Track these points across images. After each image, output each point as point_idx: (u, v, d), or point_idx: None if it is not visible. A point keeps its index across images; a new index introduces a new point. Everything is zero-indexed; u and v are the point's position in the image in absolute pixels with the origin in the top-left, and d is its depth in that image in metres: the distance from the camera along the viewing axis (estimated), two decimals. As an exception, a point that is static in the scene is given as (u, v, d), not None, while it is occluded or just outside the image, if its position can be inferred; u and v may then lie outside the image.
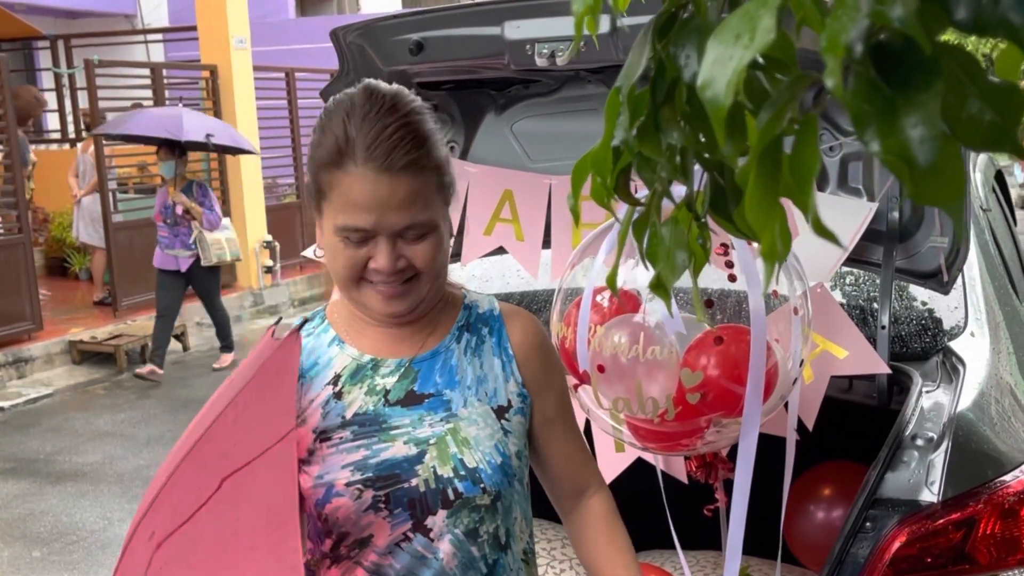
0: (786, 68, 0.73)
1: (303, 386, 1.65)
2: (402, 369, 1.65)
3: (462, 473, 1.58)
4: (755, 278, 2.12)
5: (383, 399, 1.63)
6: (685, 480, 2.70)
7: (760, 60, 0.72)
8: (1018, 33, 0.62)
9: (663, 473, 2.75)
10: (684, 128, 0.83)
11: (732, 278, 2.20)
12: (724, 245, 2.21)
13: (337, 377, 1.65)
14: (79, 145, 11.15)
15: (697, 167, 0.87)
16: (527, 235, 3.00)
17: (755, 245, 2.22)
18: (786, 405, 2.35)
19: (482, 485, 1.59)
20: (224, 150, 9.09)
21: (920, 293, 2.94)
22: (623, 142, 0.86)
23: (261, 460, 1.44)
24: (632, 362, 2.20)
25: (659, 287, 0.91)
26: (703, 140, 0.82)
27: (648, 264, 0.91)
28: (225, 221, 8.59)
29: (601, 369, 2.24)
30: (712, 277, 2.32)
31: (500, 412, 1.65)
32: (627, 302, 2.34)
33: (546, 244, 3.02)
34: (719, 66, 0.67)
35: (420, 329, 1.69)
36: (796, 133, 0.68)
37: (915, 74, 0.64)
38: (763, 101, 0.74)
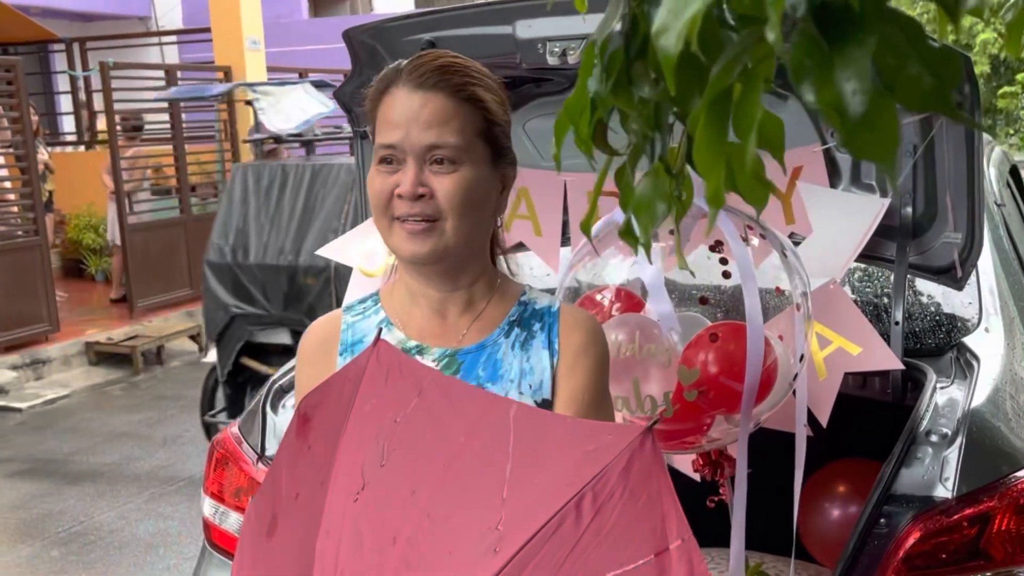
0: (759, 25, 0.76)
1: (346, 361, 1.63)
2: (445, 359, 1.65)
3: None
4: (750, 274, 2.11)
5: None
6: (696, 477, 2.70)
7: (731, 21, 0.76)
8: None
9: (674, 470, 2.75)
10: (656, 82, 0.85)
11: (727, 275, 2.20)
12: (719, 242, 2.21)
13: None
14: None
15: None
16: (545, 230, 3.00)
17: (755, 243, 2.22)
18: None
19: None
20: None
21: (934, 289, 2.93)
22: (596, 93, 0.89)
23: None
24: (629, 360, 2.19)
25: (628, 234, 0.94)
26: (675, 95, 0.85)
27: (624, 211, 0.93)
28: None
29: None
30: (708, 274, 2.32)
31: (545, 406, 1.62)
32: (629, 303, 2.34)
33: (565, 242, 3.02)
34: (673, 16, 0.70)
35: (467, 313, 1.68)
36: (741, 86, 0.72)
37: (851, 31, 0.69)
38: (718, 51, 0.78)
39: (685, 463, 2.77)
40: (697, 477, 2.72)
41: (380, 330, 1.49)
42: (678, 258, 1.92)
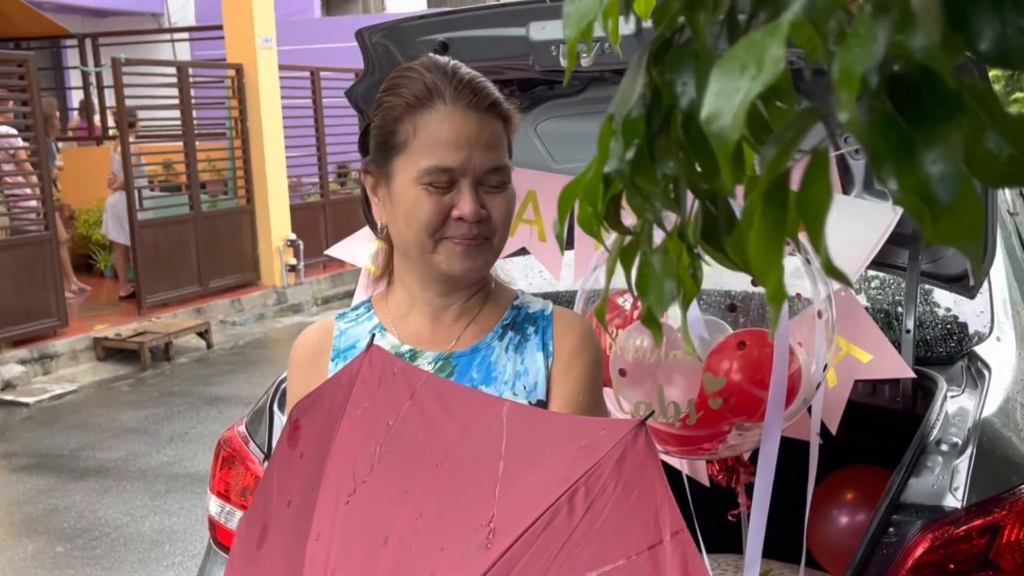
0: (785, 96, 0.72)
1: (338, 367, 1.63)
2: (439, 363, 1.64)
3: None
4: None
5: None
6: (707, 483, 2.69)
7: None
8: None
9: (687, 476, 2.74)
10: (680, 158, 0.80)
11: (755, 282, 2.19)
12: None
13: None
14: (112, 144, 11.20)
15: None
16: (550, 236, 2.99)
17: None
18: (809, 409, 2.34)
19: None
20: None
21: (946, 297, 2.92)
22: (616, 171, 0.84)
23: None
24: (654, 366, 2.19)
25: (650, 320, 0.89)
26: (699, 170, 0.79)
27: (637, 295, 0.89)
28: None
29: (623, 373, 2.23)
30: (735, 279, 2.31)
31: (540, 407, 1.61)
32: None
33: (569, 245, 3.01)
34: (724, 99, 0.63)
35: (462, 318, 1.67)
36: (807, 168, 0.65)
37: (934, 108, 0.61)
38: (761, 130, 0.72)
39: (701, 470, 2.76)
40: (707, 483, 2.71)
41: (374, 335, 1.50)
42: (685, 343, 1.87)
